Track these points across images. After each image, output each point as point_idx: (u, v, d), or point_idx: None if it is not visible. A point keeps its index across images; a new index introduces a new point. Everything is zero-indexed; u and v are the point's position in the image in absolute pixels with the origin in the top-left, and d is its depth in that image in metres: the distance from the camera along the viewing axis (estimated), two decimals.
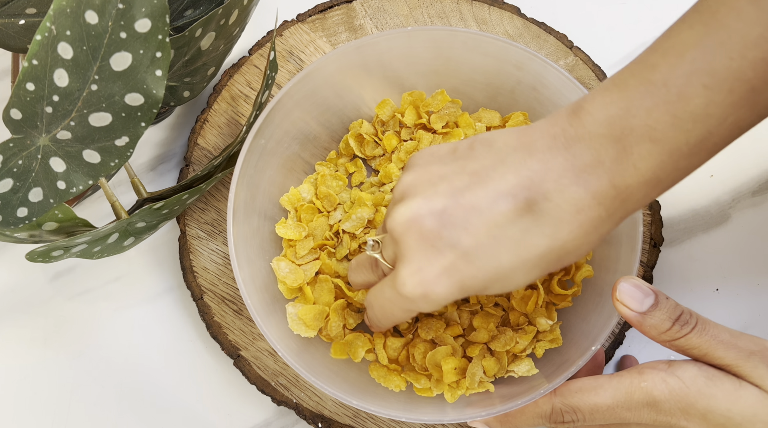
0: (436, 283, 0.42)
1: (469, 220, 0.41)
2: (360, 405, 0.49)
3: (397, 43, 0.56)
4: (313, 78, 0.56)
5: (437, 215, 0.42)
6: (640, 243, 0.50)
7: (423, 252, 0.42)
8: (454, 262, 0.42)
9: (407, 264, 0.43)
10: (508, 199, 0.41)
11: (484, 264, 0.41)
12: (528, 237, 0.41)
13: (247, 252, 0.54)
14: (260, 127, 0.54)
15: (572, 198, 0.40)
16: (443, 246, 0.42)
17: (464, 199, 0.42)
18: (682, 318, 0.44)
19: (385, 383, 0.54)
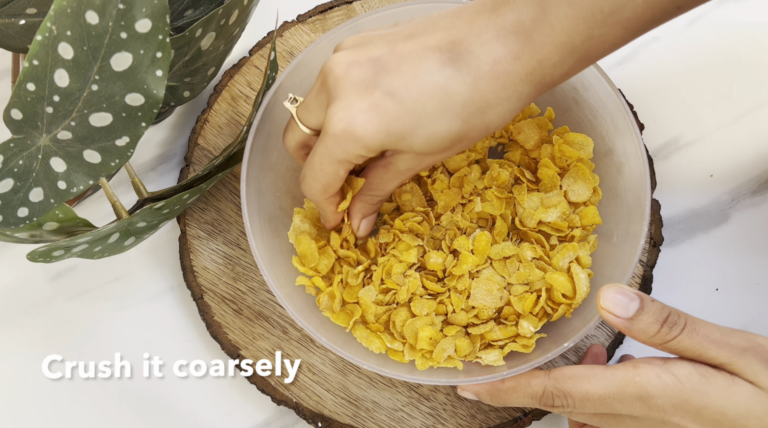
0: (361, 117, 0.44)
1: (400, 67, 0.44)
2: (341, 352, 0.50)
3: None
4: (307, 66, 0.56)
5: (373, 61, 0.45)
6: (641, 248, 0.50)
7: (355, 92, 0.44)
8: (381, 101, 0.44)
9: (337, 103, 0.45)
10: (435, 51, 0.44)
11: (409, 106, 0.43)
12: (450, 84, 0.43)
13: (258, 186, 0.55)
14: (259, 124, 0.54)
15: (491, 51, 0.43)
16: (374, 88, 0.44)
17: (397, 50, 0.44)
18: (669, 320, 0.44)
19: (366, 343, 0.54)
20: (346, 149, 0.45)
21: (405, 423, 0.57)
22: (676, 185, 0.63)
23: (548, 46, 0.42)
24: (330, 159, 0.47)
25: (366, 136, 0.44)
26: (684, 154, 0.64)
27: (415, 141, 0.45)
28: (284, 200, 0.58)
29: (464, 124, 0.44)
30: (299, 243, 0.56)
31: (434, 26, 0.45)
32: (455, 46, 0.44)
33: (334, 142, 0.45)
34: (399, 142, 0.45)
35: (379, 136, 0.44)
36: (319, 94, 0.47)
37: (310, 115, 0.48)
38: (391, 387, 0.58)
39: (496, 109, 0.44)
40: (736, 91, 0.65)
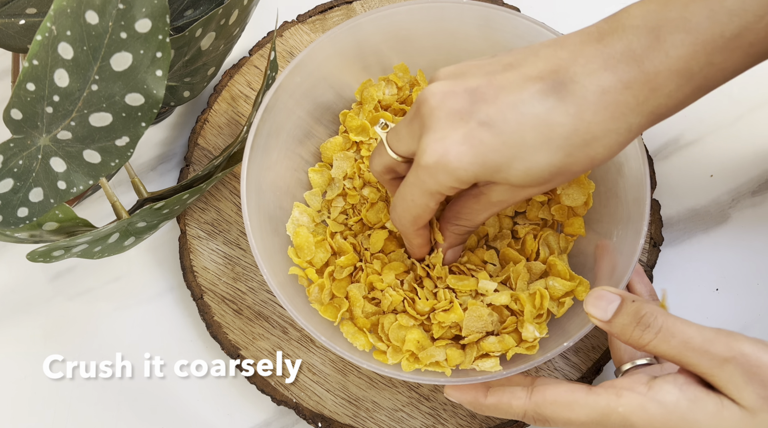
0: (456, 148, 0.42)
1: (497, 96, 0.42)
2: (327, 343, 0.50)
3: (390, 20, 0.57)
4: (306, 65, 0.56)
5: (470, 92, 0.43)
6: (640, 248, 0.50)
7: (450, 123, 0.43)
8: (477, 131, 0.42)
9: (431, 133, 0.43)
10: (536, 80, 0.42)
11: (507, 138, 0.42)
12: (553, 115, 0.41)
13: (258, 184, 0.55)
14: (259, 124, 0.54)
15: (599, 80, 0.40)
16: (470, 118, 0.42)
17: (495, 80, 0.43)
18: (643, 321, 0.43)
19: (352, 339, 0.54)
20: (438, 181, 0.44)
21: (405, 423, 0.57)
22: (676, 185, 0.63)
23: (663, 74, 0.40)
24: (422, 190, 0.45)
25: (460, 167, 0.43)
26: (684, 154, 0.64)
27: (512, 173, 0.43)
28: (284, 200, 0.58)
29: (567, 157, 0.42)
30: (296, 236, 0.57)
31: (535, 56, 0.43)
32: (558, 75, 0.41)
33: (427, 174, 0.44)
34: (495, 174, 0.43)
35: (474, 168, 0.43)
36: (412, 122, 0.46)
37: (400, 142, 0.47)
38: (391, 388, 0.58)
39: (603, 142, 0.42)
40: (736, 91, 0.65)
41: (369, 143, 0.60)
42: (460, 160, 0.42)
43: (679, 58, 0.39)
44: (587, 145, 0.42)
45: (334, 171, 0.60)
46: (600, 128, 0.41)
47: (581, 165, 0.43)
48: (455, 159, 0.42)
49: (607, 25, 0.42)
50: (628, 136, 0.42)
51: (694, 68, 0.40)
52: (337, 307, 0.55)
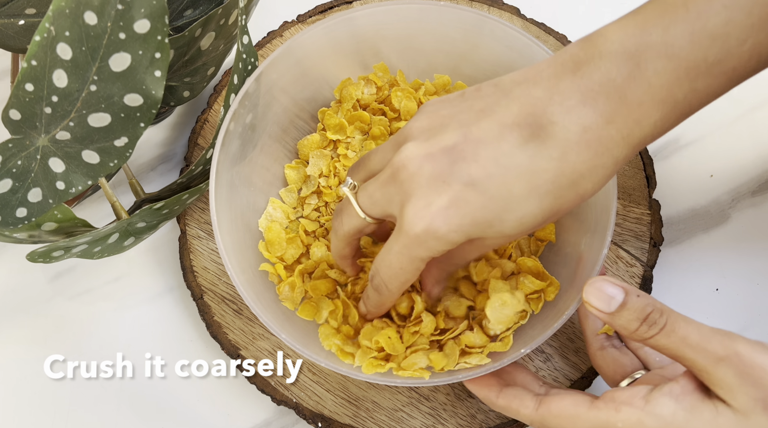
0: (444, 217, 0.41)
1: (477, 153, 0.41)
2: (294, 345, 0.50)
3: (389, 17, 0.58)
4: (288, 57, 0.56)
5: (448, 151, 0.42)
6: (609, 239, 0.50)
7: (433, 189, 0.42)
8: (462, 194, 0.41)
9: (415, 202, 0.42)
10: (513, 128, 0.40)
11: (494, 193, 0.41)
12: (536, 162, 0.40)
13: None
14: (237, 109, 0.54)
15: (578, 118, 0.39)
16: (453, 181, 0.41)
17: (472, 134, 0.41)
18: (650, 319, 0.42)
19: (322, 339, 0.54)
20: (428, 247, 0.43)
21: (405, 423, 0.57)
22: (676, 185, 0.63)
23: (646, 104, 0.39)
24: (410, 258, 0.44)
25: (450, 232, 0.42)
26: (684, 154, 0.64)
27: (505, 226, 0.42)
28: (259, 195, 0.59)
29: (556, 200, 0.41)
30: (268, 231, 0.57)
31: (507, 98, 0.42)
32: (535, 119, 0.40)
33: (416, 243, 0.43)
34: (487, 230, 0.42)
35: (464, 229, 0.42)
36: (387, 186, 0.44)
37: (374, 205, 0.46)
38: (391, 387, 0.58)
39: (590, 179, 0.41)
40: (736, 91, 0.65)
41: (346, 142, 0.60)
42: (448, 225, 0.41)
43: (662, 86, 0.38)
44: (575, 184, 0.41)
45: (309, 168, 0.60)
46: (586, 167, 0.40)
47: (571, 203, 0.42)
48: (443, 225, 0.41)
49: (583, 53, 0.40)
50: (614, 169, 0.41)
51: (678, 96, 0.39)
52: (315, 306, 0.56)
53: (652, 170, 0.61)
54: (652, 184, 0.60)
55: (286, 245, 0.57)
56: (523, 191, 0.40)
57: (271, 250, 0.57)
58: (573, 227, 0.56)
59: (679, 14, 0.38)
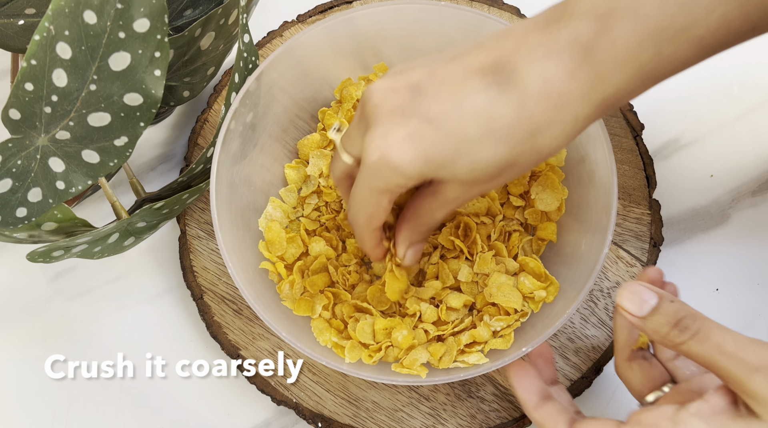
0: (397, 145, 0.42)
1: (438, 91, 0.42)
2: (289, 339, 0.50)
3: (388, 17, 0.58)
4: (289, 56, 0.57)
5: (411, 87, 0.42)
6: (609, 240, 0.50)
7: (391, 120, 0.42)
8: (418, 128, 0.41)
9: (374, 130, 0.43)
10: (477, 72, 0.41)
11: (448, 131, 0.41)
12: (494, 106, 0.40)
13: None
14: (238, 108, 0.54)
15: (542, 69, 0.39)
16: (411, 114, 0.42)
17: (437, 74, 0.42)
18: (682, 324, 0.41)
19: (317, 334, 0.55)
20: (384, 178, 0.43)
21: (405, 423, 0.57)
22: (676, 185, 0.63)
23: (609, 62, 0.39)
24: (370, 189, 0.45)
25: (403, 164, 0.42)
26: (684, 154, 0.64)
27: (458, 169, 0.42)
28: (260, 195, 0.59)
29: (512, 149, 0.41)
30: (268, 230, 0.58)
31: (478, 48, 0.42)
32: (500, 65, 0.40)
33: (372, 172, 0.43)
34: (440, 170, 0.42)
35: (417, 164, 0.42)
36: (359, 122, 0.45)
37: (352, 144, 0.47)
38: (391, 387, 0.58)
39: (548, 133, 0.41)
40: (736, 91, 0.65)
41: None
42: (402, 157, 0.42)
43: (626, 47, 0.38)
44: (532, 136, 0.41)
45: (309, 168, 0.60)
46: (543, 118, 0.40)
47: (528, 157, 0.42)
48: (397, 155, 0.42)
49: (555, 13, 0.41)
50: (574, 127, 0.41)
51: (642, 58, 0.39)
52: (310, 302, 0.56)
53: (652, 170, 0.60)
54: (652, 184, 0.60)
55: (286, 244, 0.57)
56: (477, 133, 0.41)
57: (271, 250, 0.57)
58: (573, 227, 0.56)
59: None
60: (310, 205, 0.60)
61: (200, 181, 0.58)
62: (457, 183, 0.44)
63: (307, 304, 0.56)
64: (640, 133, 0.61)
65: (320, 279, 0.57)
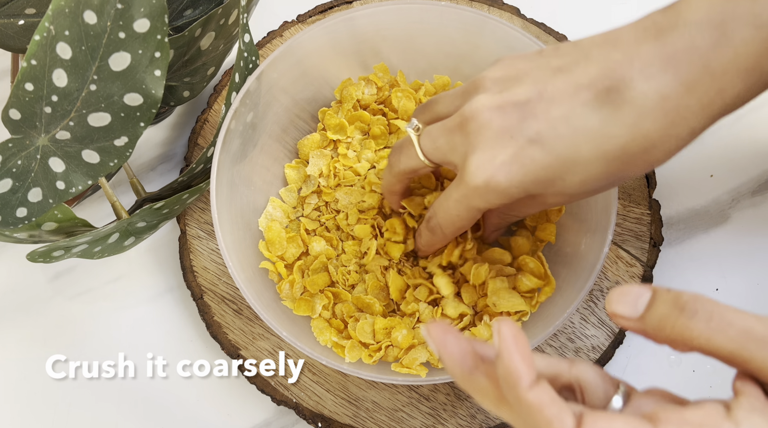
0: (506, 171, 0.41)
1: (548, 111, 0.40)
2: (289, 339, 0.50)
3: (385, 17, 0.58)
4: (290, 56, 0.57)
5: (519, 107, 0.41)
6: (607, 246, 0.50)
7: (498, 142, 0.41)
8: (527, 150, 0.40)
9: (480, 154, 0.41)
10: (588, 90, 0.39)
11: (560, 153, 0.40)
12: (608, 126, 0.39)
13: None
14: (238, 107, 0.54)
15: (658, 85, 0.38)
16: (519, 136, 0.40)
17: (546, 92, 0.41)
18: (687, 308, 0.33)
19: (317, 334, 0.55)
20: (487, 199, 0.43)
21: (405, 423, 0.57)
22: (676, 185, 0.63)
23: (731, 73, 0.37)
24: (468, 207, 0.44)
25: (510, 187, 0.41)
26: (684, 154, 0.63)
27: (568, 186, 0.41)
28: (259, 195, 0.59)
29: (623, 165, 0.40)
30: (269, 230, 0.58)
31: (586, 59, 0.40)
32: (612, 82, 0.39)
33: (475, 194, 0.43)
34: (548, 188, 0.42)
35: (525, 186, 0.41)
36: (453, 133, 0.44)
37: (437, 150, 0.45)
38: (391, 387, 0.58)
39: (662, 148, 0.39)
40: None
41: (346, 142, 0.60)
42: (510, 181, 0.41)
43: (749, 55, 0.37)
44: (645, 152, 0.39)
45: (309, 168, 0.60)
46: (659, 135, 0.39)
47: (639, 169, 0.41)
48: (505, 180, 0.41)
49: (666, 19, 0.39)
50: (689, 140, 0.40)
51: (765, 66, 0.37)
52: (310, 301, 0.56)
53: (652, 170, 0.60)
54: (652, 184, 0.60)
55: (286, 244, 0.57)
56: (590, 154, 0.40)
57: (271, 250, 0.57)
58: (573, 227, 0.56)
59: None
60: (310, 205, 0.60)
61: (200, 181, 0.58)
62: (562, 195, 0.43)
63: (307, 304, 0.56)
64: None
65: (320, 278, 0.57)
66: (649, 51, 0.38)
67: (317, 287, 0.57)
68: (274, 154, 0.60)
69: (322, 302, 0.56)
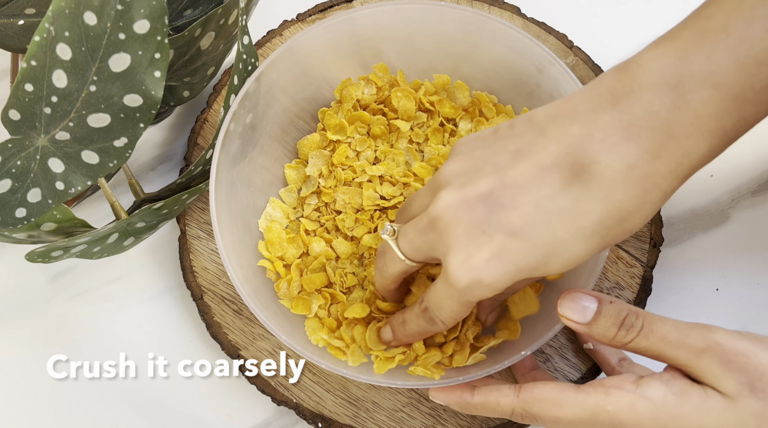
0: (487, 269, 0.40)
1: (516, 199, 0.40)
2: (286, 341, 0.50)
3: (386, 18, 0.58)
4: (289, 56, 0.57)
5: (484, 199, 0.40)
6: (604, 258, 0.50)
7: (472, 240, 0.40)
8: (504, 244, 0.40)
9: (456, 254, 0.41)
10: (553, 170, 0.39)
11: (538, 240, 0.39)
12: (580, 204, 0.38)
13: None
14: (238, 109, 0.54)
15: (623, 155, 0.37)
16: (492, 231, 0.40)
17: (509, 179, 0.40)
18: (626, 323, 0.42)
19: (309, 333, 0.55)
20: (477, 295, 0.42)
21: (405, 423, 0.57)
22: None
23: (695, 136, 0.37)
24: (460, 303, 0.44)
25: (495, 281, 0.41)
26: None
27: (551, 267, 0.40)
28: (258, 197, 0.59)
29: (603, 238, 0.39)
30: (268, 231, 0.58)
31: (543, 136, 0.40)
32: (576, 159, 0.38)
33: (462, 294, 0.42)
34: (533, 273, 0.41)
35: (509, 277, 0.40)
36: (426, 234, 0.43)
37: (416, 252, 0.45)
38: (391, 388, 0.58)
39: (638, 214, 0.39)
40: None
41: (346, 142, 0.60)
42: (492, 276, 0.40)
43: (710, 116, 0.37)
44: (622, 221, 0.39)
45: (309, 168, 0.60)
46: (633, 204, 0.38)
47: (618, 238, 0.40)
48: (488, 276, 0.40)
49: (620, 84, 0.38)
50: (663, 202, 0.40)
51: (728, 125, 0.37)
52: (307, 300, 0.56)
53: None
54: None
55: (286, 245, 0.57)
56: (568, 235, 0.39)
57: (271, 250, 0.57)
58: None
59: (720, 41, 0.36)
60: (309, 206, 0.60)
61: (200, 182, 0.58)
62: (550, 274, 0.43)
63: (305, 303, 0.56)
64: None
65: (318, 278, 0.57)
66: (607, 121, 0.38)
67: (314, 285, 0.57)
68: (274, 155, 0.60)
69: (318, 302, 0.56)
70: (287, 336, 0.50)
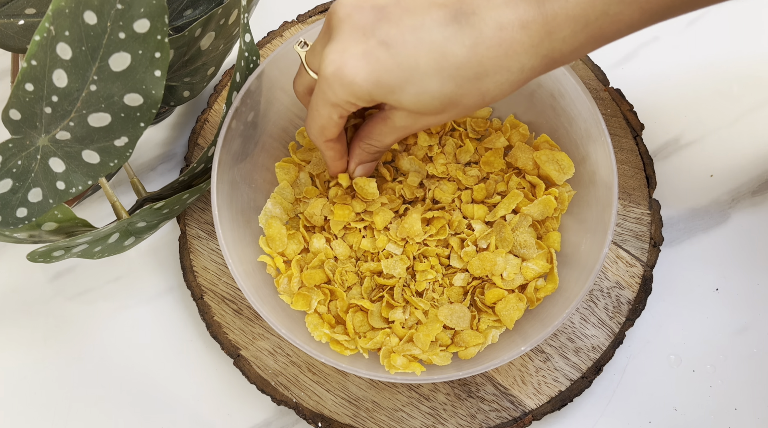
0: (352, 62, 0.44)
1: (401, 19, 0.43)
2: (287, 335, 0.51)
3: None
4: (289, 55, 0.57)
5: (377, 9, 0.44)
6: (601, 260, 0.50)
7: (352, 37, 0.44)
8: (375, 49, 0.43)
9: (333, 44, 0.45)
10: (441, 7, 0.42)
11: (402, 59, 0.43)
12: (449, 44, 0.42)
13: None
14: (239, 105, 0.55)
15: (498, 15, 0.41)
16: (371, 35, 0.43)
17: (404, 2, 0.44)
18: None
19: (311, 329, 0.56)
20: (336, 93, 0.45)
21: (405, 423, 0.57)
22: (676, 185, 0.63)
23: (560, 17, 0.41)
24: (323, 101, 0.47)
25: (355, 82, 0.44)
26: (684, 154, 0.64)
27: (405, 97, 0.44)
28: (259, 195, 0.59)
29: (457, 88, 0.43)
30: (269, 227, 0.58)
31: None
32: (463, 5, 0.42)
33: (326, 84, 0.45)
34: (388, 95, 0.45)
35: (368, 86, 0.44)
36: (323, 36, 0.47)
37: (315, 57, 0.48)
38: (391, 387, 0.58)
39: (494, 78, 0.43)
40: (736, 91, 0.65)
41: None
42: (355, 75, 0.44)
43: (577, 3, 0.40)
44: (478, 78, 0.43)
45: (310, 166, 0.60)
46: (492, 64, 0.42)
47: (472, 98, 0.44)
48: (351, 73, 0.44)
49: None
50: (519, 76, 0.43)
51: (590, 16, 0.41)
52: (307, 296, 0.56)
53: (652, 170, 0.61)
54: (652, 184, 0.60)
55: (287, 241, 0.57)
56: (428, 67, 0.43)
57: (271, 246, 0.57)
58: (573, 227, 0.56)
59: None
60: (308, 203, 0.60)
61: (201, 181, 0.58)
62: (405, 111, 0.46)
63: (305, 299, 0.56)
64: (640, 133, 0.61)
65: (318, 274, 0.57)
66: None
67: (314, 281, 0.57)
68: (275, 153, 0.60)
69: (318, 297, 0.56)
70: (288, 331, 0.51)
